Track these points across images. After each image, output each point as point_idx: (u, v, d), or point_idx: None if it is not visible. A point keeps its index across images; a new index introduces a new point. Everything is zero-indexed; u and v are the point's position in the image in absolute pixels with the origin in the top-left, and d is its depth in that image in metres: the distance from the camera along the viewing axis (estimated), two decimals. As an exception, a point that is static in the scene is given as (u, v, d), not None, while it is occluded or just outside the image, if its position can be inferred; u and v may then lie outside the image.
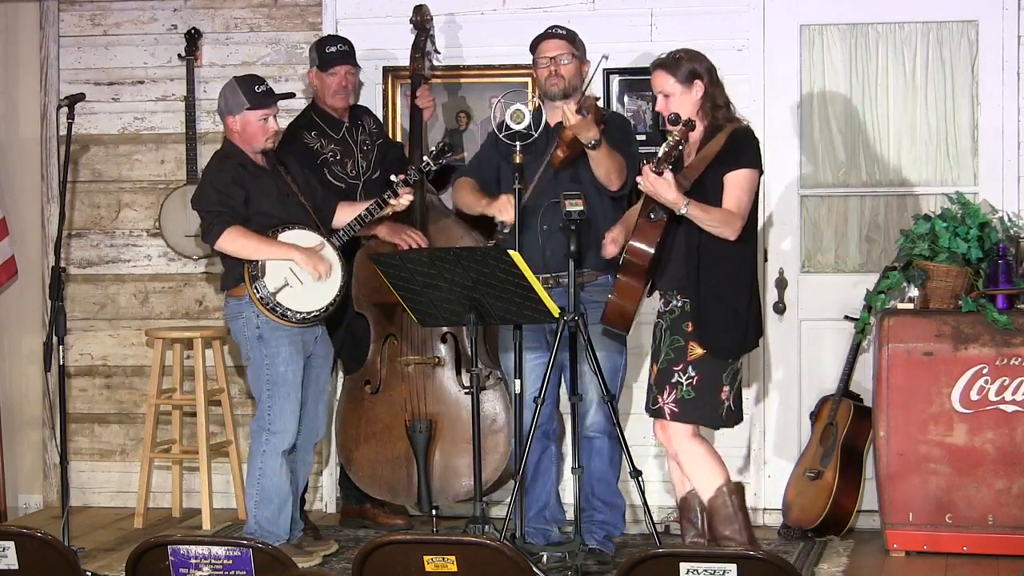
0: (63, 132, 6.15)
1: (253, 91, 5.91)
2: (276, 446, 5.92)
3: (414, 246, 6.24)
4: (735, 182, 5.38)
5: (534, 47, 5.98)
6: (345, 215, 6.05)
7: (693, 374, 5.39)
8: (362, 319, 6.44)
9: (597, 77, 6.22)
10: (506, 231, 5.80)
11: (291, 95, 6.29)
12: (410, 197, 6.01)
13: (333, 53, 6.35)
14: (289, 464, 5.98)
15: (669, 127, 5.35)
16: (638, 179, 5.34)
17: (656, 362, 5.49)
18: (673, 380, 5.41)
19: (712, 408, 5.43)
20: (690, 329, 5.40)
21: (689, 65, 5.45)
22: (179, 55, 7.01)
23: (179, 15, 7.05)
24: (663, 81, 5.46)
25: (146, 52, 7.10)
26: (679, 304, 5.44)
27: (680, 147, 5.27)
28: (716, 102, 5.46)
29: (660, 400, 5.43)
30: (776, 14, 6.52)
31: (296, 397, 5.93)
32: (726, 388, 5.44)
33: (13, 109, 7.23)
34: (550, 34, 5.96)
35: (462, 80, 6.76)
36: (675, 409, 5.41)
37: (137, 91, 7.11)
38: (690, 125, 5.30)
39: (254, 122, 5.91)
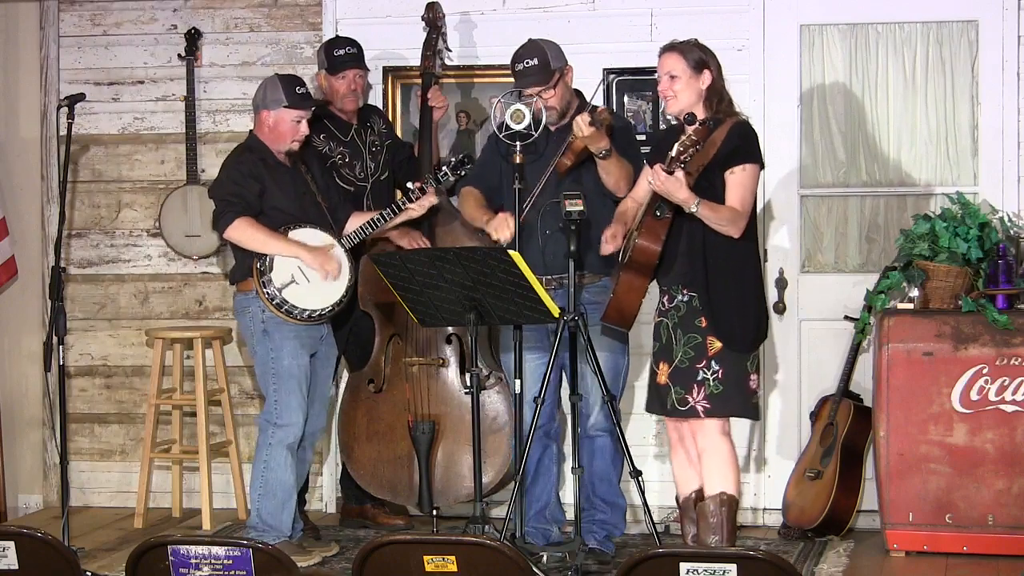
0: (63, 132, 6.14)
1: (294, 91, 5.97)
2: (282, 439, 5.95)
3: None
4: (739, 180, 5.38)
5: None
6: (357, 223, 6.09)
7: (717, 368, 5.39)
8: (367, 318, 6.43)
9: (597, 77, 6.24)
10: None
11: (325, 102, 6.30)
12: (433, 200, 6.07)
13: (342, 56, 6.33)
14: (294, 459, 5.99)
15: (685, 127, 5.29)
16: (648, 178, 5.34)
17: (668, 361, 5.48)
18: (699, 378, 5.41)
19: (743, 399, 5.44)
20: (704, 324, 5.40)
21: (701, 54, 5.46)
22: (179, 55, 7.00)
23: (179, 15, 7.05)
24: (674, 62, 5.45)
25: (146, 52, 7.09)
26: (685, 299, 5.44)
27: (697, 148, 5.26)
28: (722, 96, 5.46)
29: (690, 399, 5.42)
30: (776, 14, 6.51)
31: (302, 391, 5.95)
32: (753, 376, 5.44)
33: (13, 109, 7.22)
34: (523, 73, 5.78)
35: (466, 80, 6.74)
36: (707, 405, 5.41)
37: (137, 91, 7.11)
38: (708, 124, 5.28)
39: (287, 121, 5.96)
